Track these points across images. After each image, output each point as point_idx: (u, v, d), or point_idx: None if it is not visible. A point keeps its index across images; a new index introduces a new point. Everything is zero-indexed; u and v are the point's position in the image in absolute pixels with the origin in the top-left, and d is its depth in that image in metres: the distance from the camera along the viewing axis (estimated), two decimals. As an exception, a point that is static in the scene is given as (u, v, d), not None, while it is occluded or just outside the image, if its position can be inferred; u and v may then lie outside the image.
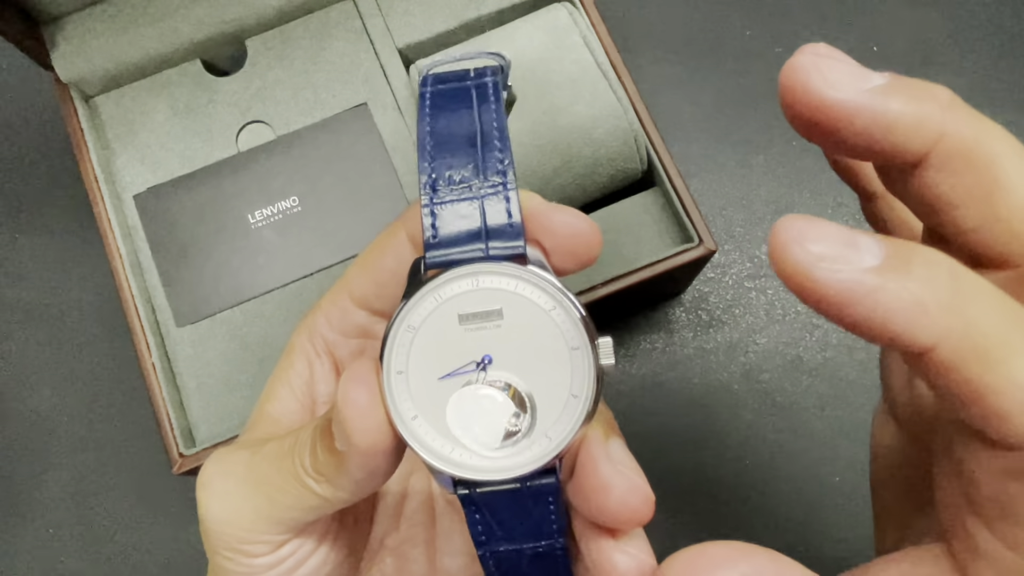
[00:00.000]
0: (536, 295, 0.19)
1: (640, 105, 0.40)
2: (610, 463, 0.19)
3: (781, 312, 0.46)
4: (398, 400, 0.19)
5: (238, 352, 0.40)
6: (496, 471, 0.19)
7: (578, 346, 0.19)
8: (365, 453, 0.18)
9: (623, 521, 0.19)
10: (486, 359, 0.19)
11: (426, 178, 0.19)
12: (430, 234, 0.19)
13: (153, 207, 0.41)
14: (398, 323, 0.19)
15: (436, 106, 0.20)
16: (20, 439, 0.46)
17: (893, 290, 0.15)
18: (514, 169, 0.19)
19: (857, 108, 0.17)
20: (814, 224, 0.16)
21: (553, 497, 0.20)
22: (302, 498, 0.20)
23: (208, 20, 0.42)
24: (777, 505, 0.42)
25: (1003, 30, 0.49)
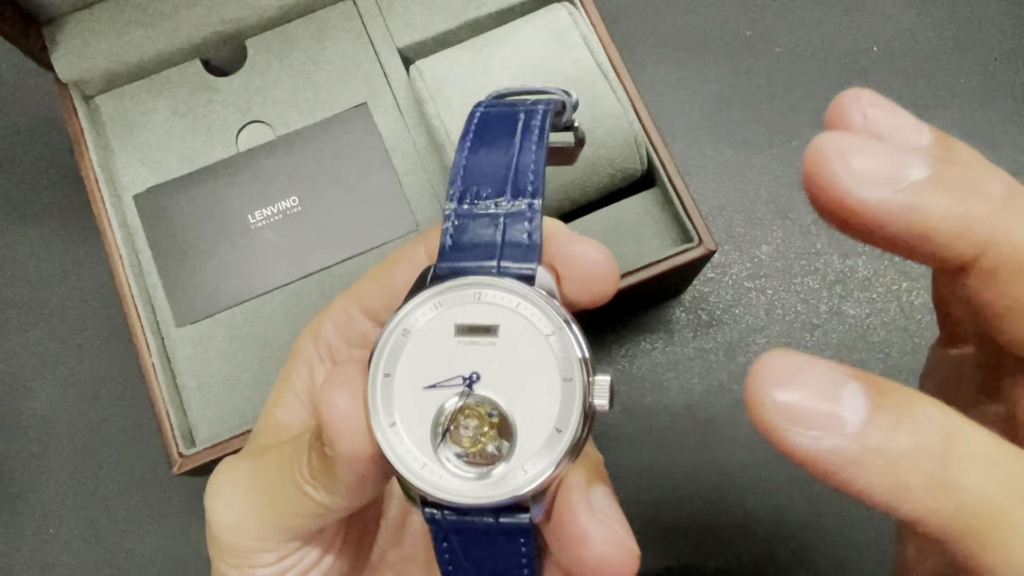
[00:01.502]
0: (537, 317, 0.18)
1: (640, 105, 0.40)
2: (590, 512, 0.18)
3: (781, 312, 0.46)
4: (380, 405, 0.18)
5: (238, 352, 0.40)
6: (463, 495, 0.18)
7: (571, 378, 0.18)
8: (349, 458, 0.18)
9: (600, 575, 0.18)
10: (474, 376, 0.18)
11: (454, 190, 0.19)
12: (447, 241, 0.19)
13: (153, 207, 0.41)
14: (393, 325, 0.19)
15: (481, 126, 0.20)
16: (20, 439, 0.46)
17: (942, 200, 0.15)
18: (543, 198, 0.19)
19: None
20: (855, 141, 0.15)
21: (525, 539, 0.18)
22: (303, 505, 0.20)
23: (208, 20, 0.42)
24: (777, 505, 0.42)
25: (1003, 30, 0.49)
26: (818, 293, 0.46)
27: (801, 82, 0.48)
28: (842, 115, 0.17)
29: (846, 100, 0.17)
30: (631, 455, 0.43)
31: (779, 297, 0.46)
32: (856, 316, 0.45)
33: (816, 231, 0.47)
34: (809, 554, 0.42)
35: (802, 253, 0.46)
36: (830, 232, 0.46)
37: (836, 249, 0.46)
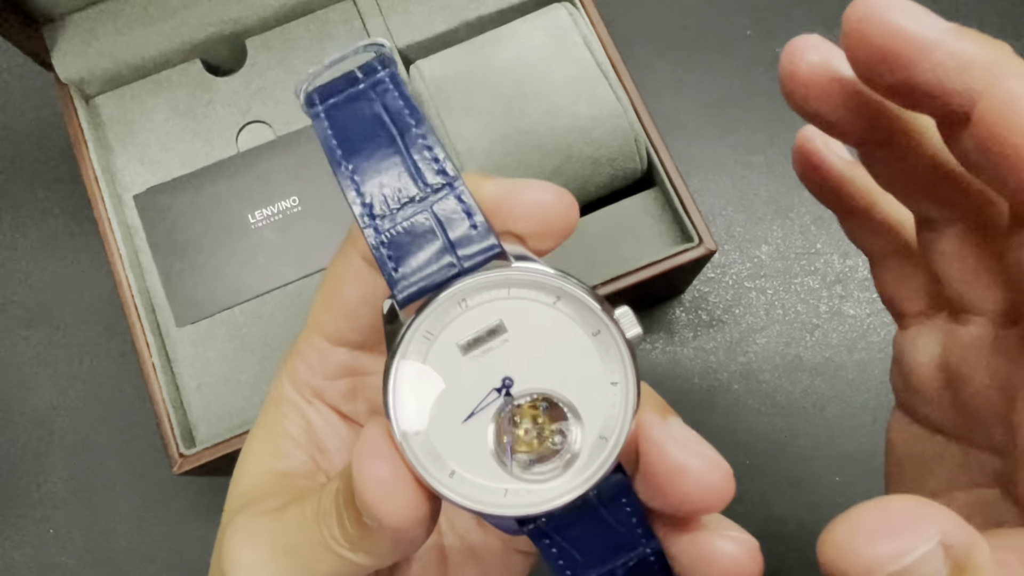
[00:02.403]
0: (533, 293, 0.17)
1: (640, 105, 0.40)
2: (677, 444, 0.17)
3: (781, 312, 0.46)
4: (426, 462, 0.17)
5: (238, 352, 0.40)
6: (560, 496, 0.17)
7: (598, 329, 0.17)
8: (399, 529, 0.17)
9: (706, 504, 0.17)
10: (506, 381, 0.17)
11: (360, 208, 0.17)
12: (390, 269, 0.17)
13: (153, 207, 0.41)
14: (393, 381, 0.17)
15: (337, 123, 0.18)
16: (20, 439, 0.46)
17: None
18: (453, 160, 0.17)
19: (934, 43, 0.16)
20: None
21: (627, 497, 0.17)
22: (339, 566, 0.18)
23: (208, 20, 0.42)
24: (777, 505, 0.42)
25: (1003, 30, 0.49)
26: (818, 293, 0.46)
27: (801, 82, 0.48)
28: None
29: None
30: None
31: (779, 297, 0.46)
32: (856, 316, 0.45)
33: (816, 231, 0.47)
34: (809, 555, 0.42)
35: (802, 253, 0.46)
36: (830, 232, 0.46)
37: (836, 249, 0.46)
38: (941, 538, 0.14)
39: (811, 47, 0.19)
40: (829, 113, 0.19)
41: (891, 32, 0.16)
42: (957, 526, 0.14)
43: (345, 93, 0.18)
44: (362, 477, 0.16)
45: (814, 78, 0.19)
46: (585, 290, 0.17)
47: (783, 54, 0.19)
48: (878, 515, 0.15)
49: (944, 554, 0.14)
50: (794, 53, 0.19)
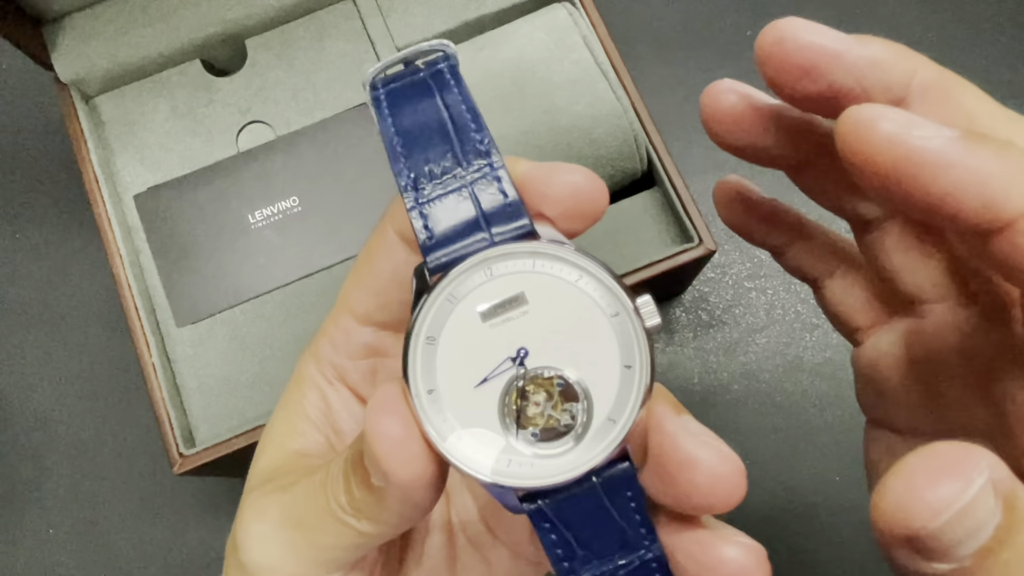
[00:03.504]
0: (557, 268, 0.17)
1: (640, 105, 0.40)
2: (691, 436, 0.17)
3: (781, 312, 0.46)
4: (436, 422, 0.17)
5: (238, 352, 0.40)
6: (563, 472, 0.17)
7: (618, 311, 0.17)
8: (407, 487, 0.17)
9: (718, 500, 0.17)
10: (521, 352, 0.17)
11: (404, 180, 0.18)
12: (425, 236, 0.17)
13: (153, 207, 0.41)
14: (415, 338, 0.17)
15: (395, 104, 0.19)
16: (20, 439, 0.46)
17: (985, 154, 0.15)
18: (496, 147, 0.18)
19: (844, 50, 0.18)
20: (890, 107, 0.16)
21: (631, 489, 0.17)
22: (343, 536, 0.18)
23: (208, 20, 0.42)
24: (777, 505, 0.42)
25: (1003, 30, 0.49)
26: (818, 293, 0.46)
27: (801, 82, 0.48)
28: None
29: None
30: (631, 455, 0.43)
31: (779, 297, 0.46)
32: (856, 316, 0.45)
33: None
34: (810, 553, 0.42)
35: (802, 253, 0.46)
36: (830, 232, 0.46)
37: (836, 249, 0.46)
38: (990, 473, 0.14)
39: (727, 89, 0.20)
40: (757, 141, 0.21)
41: (805, 47, 0.18)
42: (1001, 465, 0.15)
43: (406, 79, 0.19)
44: (374, 431, 0.16)
45: (737, 112, 0.20)
46: (609, 272, 0.17)
47: (703, 101, 0.21)
48: (930, 461, 0.15)
49: (995, 491, 0.15)
50: (713, 96, 0.21)
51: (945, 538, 0.14)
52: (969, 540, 0.15)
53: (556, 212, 0.18)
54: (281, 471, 0.21)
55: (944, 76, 0.18)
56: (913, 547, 0.15)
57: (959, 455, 0.15)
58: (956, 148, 0.15)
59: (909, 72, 0.18)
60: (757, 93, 0.21)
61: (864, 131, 0.16)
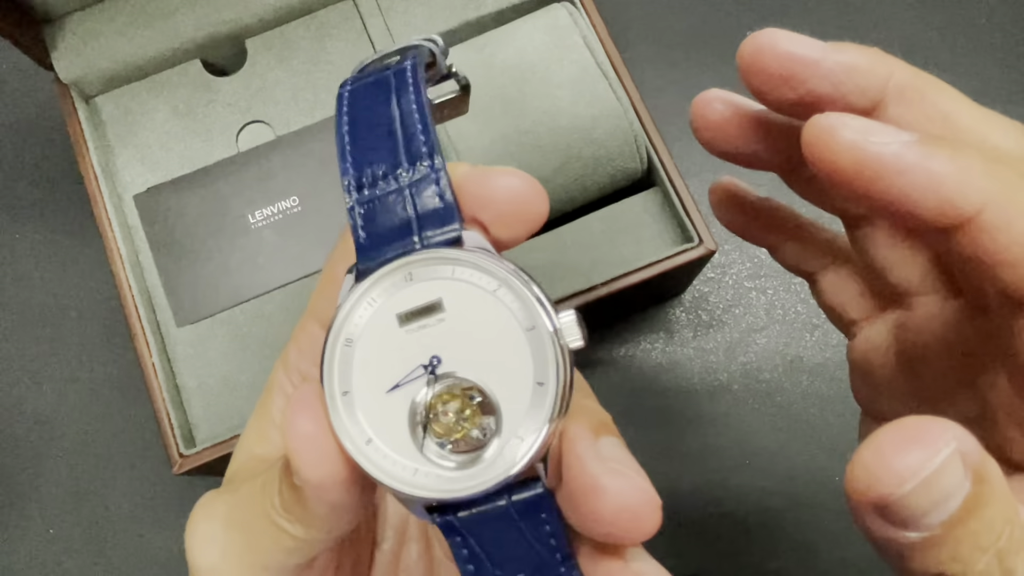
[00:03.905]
0: (476, 276, 0.17)
1: (640, 105, 0.40)
2: (600, 461, 0.16)
3: (781, 312, 0.46)
4: (348, 424, 0.17)
5: (238, 352, 0.40)
6: (470, 486, 0.16)
7: (534, 325, 0.16)
8: (319, 487, 0.16)
9: (624, 530, 0.16)
10: (434, 360, 0.17)
11: (348, 180, 0.18)
12: (361, 236, 0.17)
13: (153, 207, 0.41)
14: (333, 338, 0.17)
15: (353, 102, 0.19)
16: (20, 439, 0.46)
17: (940, 157, 0.16)
18: (440, 152, 0.18)
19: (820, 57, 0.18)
20: (852, 115, 0.17)
21: (546, 513, 0.17)
22: (278, 540, 0.18)
23: (208, 20, 0.42)
24: (777, 504, 0.42)
25: (1003, 30, 0.49)
26: (818, 293, 0.46)
27: (801, 82, 0.48)
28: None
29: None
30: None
31: (779, 297, 0.46)
32: (856, 316, 0.45)
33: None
34: (810, 553, 0.42)
35: (802, 253, 0.46)
36: (830, 232, 0.46)
37: (836, 249, 0.46)
38: (957, 444, 0.15)
39: (714, 98, 0.21)
40: (745, 146, 0.22)
41: (783, 56, 0.19)
42: (969, 437, 0.15)
43: (370, 78, 0.19)
44: (288, 431, 0.16)
45: (725, 120, 0.21)
46: (528, 285, 0.17)
47: (692, 111, 0.22)
48: (897, 432, 0.15)
49: (963, 463, 0.15)
50: (702, 105, 0.21)
51: (913, 506, 0.15)
52: (937, 509, 0.15)
53: (493, 216, 0.18)
54: (241, 475, 0.21)
55: (918, 78, 0.19)
56: (883, 514, 0.15)
57: (926, 427, 0.15)
58: (912, 152, 0.16)
59: (884, 76, 0.19)
60: (744, 101, 0.21)
61: (826, 139, 0.17)
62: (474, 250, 0.17)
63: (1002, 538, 0.16)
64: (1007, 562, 0.16)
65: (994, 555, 0.16)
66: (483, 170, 0.18)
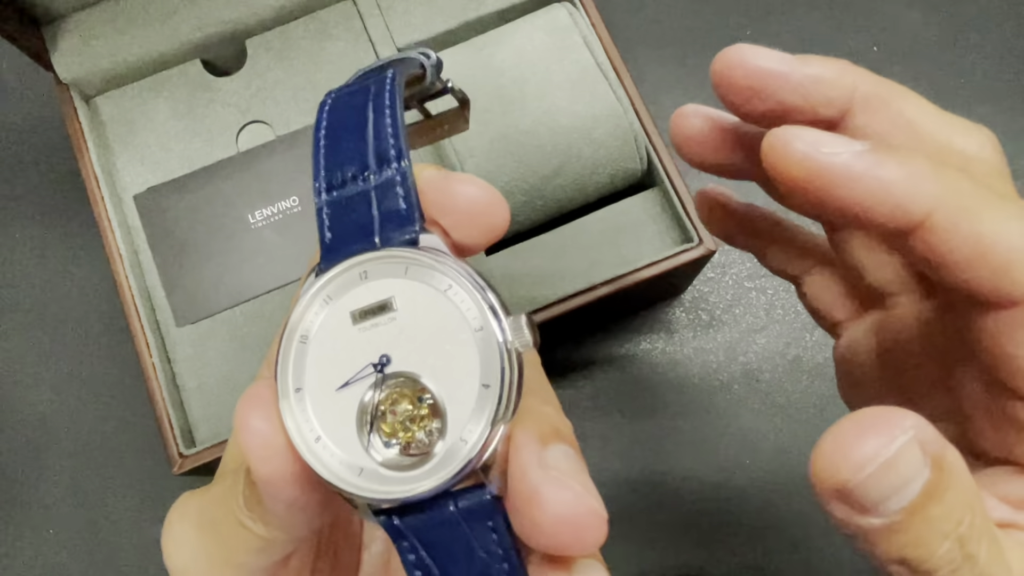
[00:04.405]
0: (428, 276, 0.17)
1: (640, 105, 0.40)
2: (542, 469, 0.16)
3: (781, 312, 0.46)
4: (300, 421, 0.17)
5: (238, 352, 0.40)
6: (412, 488, 0.16)
7: (482, 327, 0.16)
8: (269, 483, 0.16)
9: (564, 542, 0.16)
10: (383, 359, 0.17)
11: (319, 183, 0.18)
12: (326, 236, 0.18)
13: (153, 207, 0.41)
14: (289, 334, 0.17)
15: (333, 109, 0.19)
16: (20, 439, 0.46)
17: (889, 165, 0.17)
18: (408, 154, 0.18)
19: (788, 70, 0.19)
20: (806, 127, 0.18)
21: (493, 521, 0.16)
22: (245, 539, 0.18)
23: (208, 20, 0.42)
24: (778, 504, 0.42)
25: (1003, 30, 0.49)
26: (818, 293, 0.46)
27: (801, 82, 0.48)
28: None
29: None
30: (630, 456, 0.43)
31: (779, 297, 0.46)
32: (856, 316, 0.45)
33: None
34: (810, 553, 0.42)
35: (802, 253, 0.46)
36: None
37: (836, 249, 0.46)
38: (915, 433, 0.16)
39: (691, 113, 0.23)
40: (723, 158, 0.22)
41: (753, 71, 0.20)
42: (928, 426, 0.16)
43: (353, 87, 0.19)
44: (239, 426, 0.16)
45: (702, 134, 0.22)
46: (478, 286, 0.17)
47: (671, 127, 0.23)
48: (856, 421, 0.16)
49: (922, 451, 0.16)
50: (679, 120, 0.23)
51: (872, 492, 0.15)
52: (896, 495, 0.16)
53: (452, 222, 0.18)
54: (223, 474, 0.21)
55: (883, 86, 0.20)
56: (845, 501, 0.16)
57: (884, 416, 0.16)
58: (861, 160, 0.17)
59: (850, 86, 0.20)
60: (720, 114, 0.22)
61: (781, 151, 0.18)
62: (429, 250, 0.17)
63: (963, 524, 0.16)
64: (968, 547, 0.16)
65: (955, 540, 0.16)
66: (445, 175, 0.18)
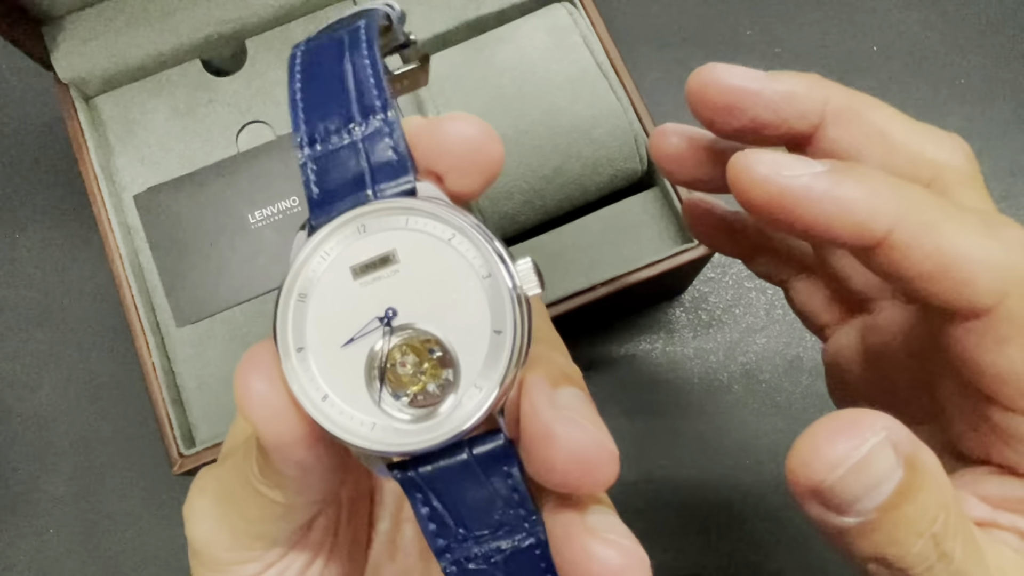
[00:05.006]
0: (431, 226, 0.16)
1: (640, 105, 0.40)
2: (553, 409, 0.16)
3: (781, 312, 0.46)
4: (304, 380, 0.16)
5: (238, 352, 0.40)
6: (428, 439, 0.16)
7: (489, 273, 0.16)
8: (277, 445, 0.16)
9: (577, 479, 0.16)
10: (389, 312, 0.16)
11: (299, 136, 0.17)
12: (313, 191, 0.17)
13: (153, 207, 0.41)
14: (286, 293, 0.17)
15: (305, 62, 0.18)
16: (20, 439, 0.46)
17: (848, 184, 0.17)
18: (395, 106, 0.17)
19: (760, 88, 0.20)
20: (765, 150, 0.18)
21: (508, 465, 0.16)
22: (264, 507, 0.18)
23: (208, 20, 0.42)
24: (778, 504, 0.42)
25: (1002, 30, 0.49)
26: (818, 293, 0.46)
27: (801, 82, 0.48)
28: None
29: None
30: (630, 456, 0.43)
31: (779, 297, 0.46)
32: (856, 316, 0.45)
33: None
34: (810, 552, 0.42)
35: (802, 253, 0.46)
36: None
37: (836, 249, 0.46)
38: (887, 434, 0.16)
39: (670, 132, 0.23)
40: (702, 174, 0.23)
41: (727, 90, 0.20)
42: (901, 428, 0.16)
43: (323, 38, 0.19)
44: (240, 390, 0.16)
45: (681, 152, 0.23)
46: (483, 232, 0.16)
47: (650, 147, 0.24)
48: (831, 423, 0.16)
49: (895, 452, 0.16)
50: (658, 140, 0.23)
51: (845, 491, 0.16)
52: (869, 495, 0.16)
53: (449, 165, 0.17)
54: (231, 451, 0.21)
55: (854, 99, 0.20)
56: (819, 500, 0.16)
57: (856, 418, 0.16)
58: (821, 181, 0.18)
59: (821, 100, 0.20)
60: (697, 132, 0.23)
61: (743, 175, 0.18)
62: (428, 199, 0.17)
63: (937, 523, 0.16)
64: (943, 545, 0.17)
65: (930, 539, 0.16)
66: (433, 119, 0.18)
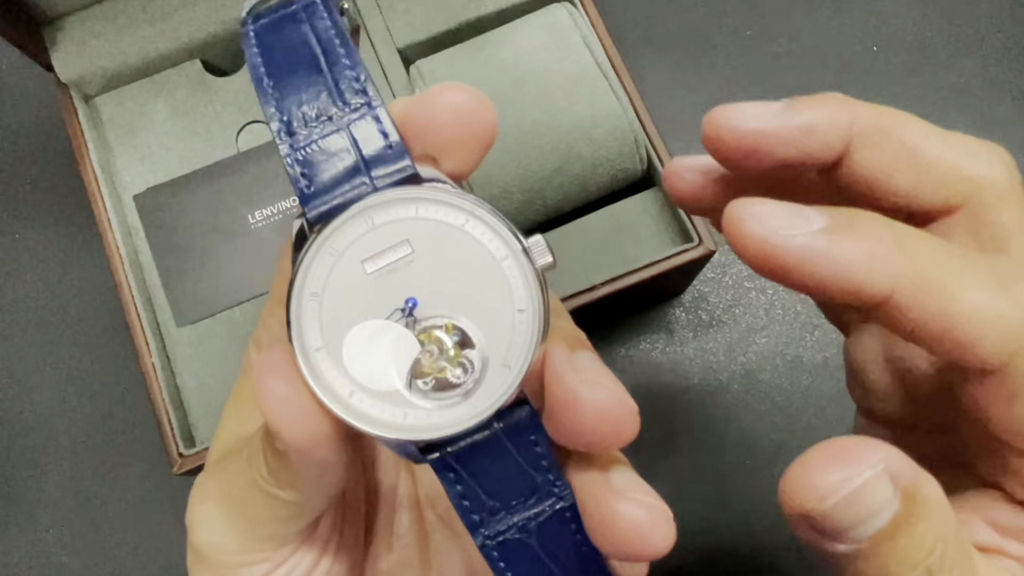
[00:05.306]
0: (442, 213, 0.16)
1: (640, 105, 0.40)
2: (576, 373, 0.17)
3: (781, 312, 0.46)
4: (326, 379, 0.16)
5: (238, 352, 0.40)
6: (460, 422, 0.16)
7: (506, 255, 0.16)
8: (301, 448, 0.16)
9: (605, 437, 0.17)
10: (410, 302, 0.16)
11: (277, 124, 0.17)
12: (303, 185, 0.16)
13: (153, 207, 0.41)
14: (297, 294, 0.16)
15: (265, 39, 0.17)
16: (20, 439, 0.46)
17: (846, 244, 0.17)
18: (374, 83, 0.17)
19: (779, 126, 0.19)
20: (762, 202, 0.17)
21: (534, 433, 0.17)
22: (274, 508, 0.19)
23: (208, 20, 0.42)
24: (778, 505, 0.42)
25: (1003, 30, 0.49)
26: (818, 293, 0.46)
27: (801, 82, 0.48)
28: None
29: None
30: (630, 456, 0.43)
31: (779, 297, 0.46)
32: (856, 316, 0.45)
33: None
34: (810, 552, 0.42)
35: (802, 253, 0.46)
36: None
37: (836, 249, 0.46)
38: (885, 466, 0.16)
39: (683, 168, 0.22)
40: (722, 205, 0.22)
41: (742, 134, 0.19)
42: (901, 458, 0.16)
43: (278, 13, 0.18)
44: (261, 394, 0.16)
45: (696, 188, 0.22)
46: (495, 214, 0.17)
47: (665, 184, 0.23)
48: (826, 451, 0.16)
49: (892, 483, 0.16)
50: (672, 177, 0.22)
51: (837, 521, 0.16)
52: (863, 524, 0.16)
53: (443, 140, 0.17)
54: (227, 454, 0.21)
55: (882, 116, 0.19)
56: (810, 526, 0.16)
57: (852, 448, 0.16)
58: (819, 241, 0.17)
59: (846, 124, 0.19)
60: (710, 163, 0.22)
61: (736, 231, 0.17)
62: (435, 185, 0.16)
63: (933, 555, 0.16)
64: None
65: (924, 571, 0.16)
66: (423, 94, 0.17)
